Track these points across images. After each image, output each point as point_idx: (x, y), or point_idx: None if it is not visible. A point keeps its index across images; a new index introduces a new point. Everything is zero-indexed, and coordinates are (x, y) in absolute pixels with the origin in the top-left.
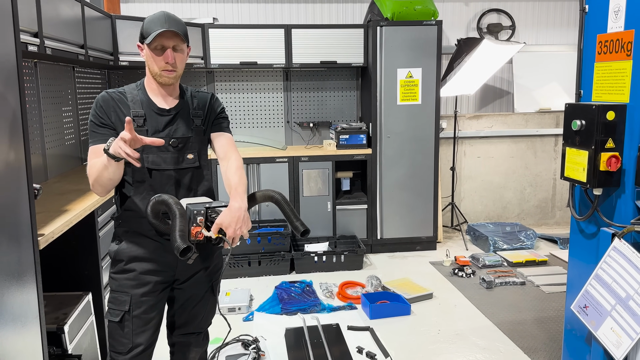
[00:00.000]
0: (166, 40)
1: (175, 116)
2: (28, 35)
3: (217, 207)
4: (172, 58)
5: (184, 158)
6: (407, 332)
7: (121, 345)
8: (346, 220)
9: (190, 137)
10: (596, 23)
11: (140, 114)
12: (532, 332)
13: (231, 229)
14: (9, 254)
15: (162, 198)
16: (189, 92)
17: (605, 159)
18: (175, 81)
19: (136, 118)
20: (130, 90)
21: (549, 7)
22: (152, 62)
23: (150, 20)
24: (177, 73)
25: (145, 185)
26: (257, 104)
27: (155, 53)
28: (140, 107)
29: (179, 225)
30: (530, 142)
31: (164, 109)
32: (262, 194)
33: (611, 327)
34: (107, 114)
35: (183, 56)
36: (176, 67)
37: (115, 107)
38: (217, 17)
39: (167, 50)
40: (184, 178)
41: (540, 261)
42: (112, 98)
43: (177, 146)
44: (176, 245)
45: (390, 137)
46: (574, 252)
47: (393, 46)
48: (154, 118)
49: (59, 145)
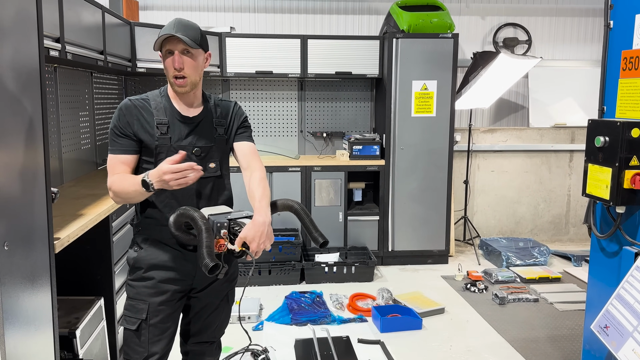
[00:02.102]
0: (173, 45)
1: (198, 124)
2: (50, 41)
3: (239, 218)
4: (178, 62)
5: (205, 167)
6: (419, 346)
7: (136, 354)
8: (357, 231)
9: (212, 145)
10: (621, 39)
11: (164, 122)
12: (546, 351)
13: (255, 244)
14: (25, 257)
15: (187, 212)
16: (212, 100)
17: (629, 176)
18: (190, 89)
19: (159, 125)
20: (154, 97)
21: (565, 22)
22: (165, 68)
23: (164, 28)
24: (190, 80)
25: (167, 194)
26: (272, 113)
27: (165, 60)
28: (163, 114)
29: (206, 241)
30: (545, 157)
31: (187, 117)
32: (282, 203)
33: (633, 348)
34: (130, 123)
35: (194, 61)
36: (186, 73)
37: (138, 115)
38: (235, 26)
39: (175, 54)
40: (205, 187)
41: (554, 278)
42: (135, 106)
43: (199, 155)
44: (204, 262)
45: (403, 149)
46: (594, 270)
47: (408, 58)
48: (177, 126)
49: (75, 150)
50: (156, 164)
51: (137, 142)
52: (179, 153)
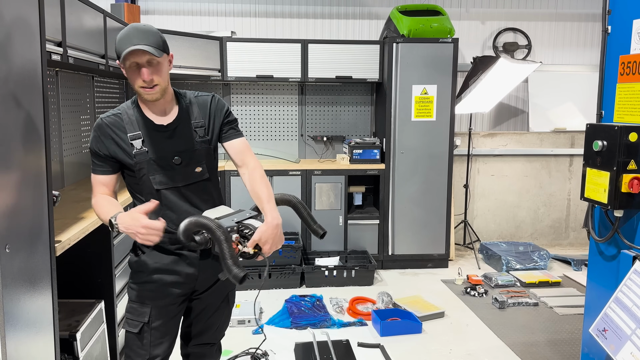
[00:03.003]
0: (138, 57)
1: (175, 130)
2: (52, 45)
3: (245, 219)
4: (148, 75)
5: (192, 172)
6: (418, 350)
7: (138, 356)
8: (358, 235)
9: (195, 149)
10: (619, 44)
11: (138, 136)
12: (546, 355)
13: (268, 246)
14: (26, 260)
15: (200, 222)
16: (188, 98)
17: (627, 180)
18: (161, 96)
19: (134, 141)
20: (125, 110)
21: (565, 27)
22: (131, 81)
23: (120, 38)
24: (161, 86)
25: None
26: (272, 117)
27: (131, 72)
28: (137, 127)
29: (229, 252)
30: (545, 161)
31: (162, 126)
32: (280, 198)
33: (631, 351)
34: (104, 144)
35: (162, 69)
36: (156, 82)
37: (112, 135)
38: (235, 30)
39: (142, 70)
40: (195, 192)
41: (554, 282)
42: (107, 124)
43: (180, 163)
44: (234, 273)
45: (403, 153)
46: (593, 274)
47: (409, 63)
48: (153, 136)
49: (76, 153)
50: (140, 178)
51: (115, 162)
52: (151, 202)
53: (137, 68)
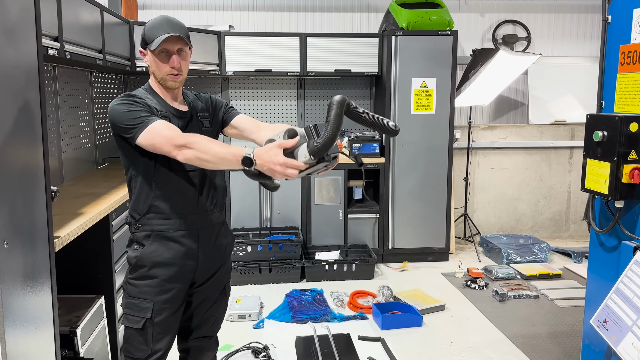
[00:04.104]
0: (171, 44)
1: (191, 118)
2: (49, 39)
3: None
4: (178, 63)
5: None
6: (419, 343)
7: (139, 352)
8: (358, 229)
9: None
10: (619, 34)
11: (167, 115)
12: (546, 347)
13: None
14: (24, 256)
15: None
16: (190, 96)
17: (627, 171)
18: (181, 85)
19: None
20: (144, 95)
21: (565, 18)
22: (157, 67)
23: (152, 26)
24: (183, 77)
25: (170, 186)
26: (271, 111)
27: (160, 58)
28: (163, 108)
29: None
30: (545, 154)
31: (182, 111)
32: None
33: (632, 342)
34: (143, 104)
35: (187, 60)
36: (181, 71)
37: (147, 101)
38: (234, 24)
39: (173, 56)
40: (204, 177)
41: (554, 275)
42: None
43: None
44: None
45: (403, 147)
46: (593, 265)
47: (408, 56)
48: (174, 121)
49: (74, 149)
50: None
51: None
52: (289, 141)
53: (166, 55)
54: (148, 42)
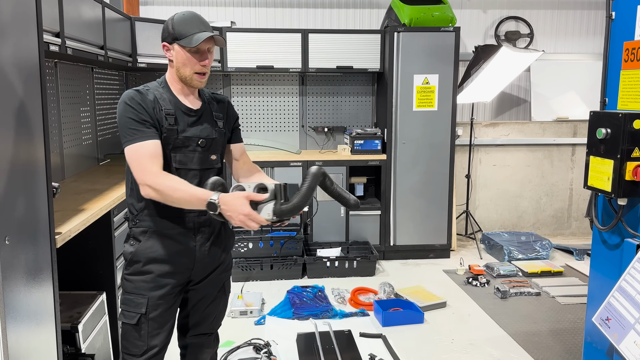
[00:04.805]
0: (205, 44)
1: (201, 117)
2: (50, 35)
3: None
4: (209, 61)
5: (208, 158)
6: (420, 340)
7: (135, 348)
8: (359, 226)
9: (215, 138)
10: (623, 30)
11: (172, 113)
12: (548, 344)
13: None
14: (26, 252)
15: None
16: (206, 94)
17: (631, 168)
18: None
19: (168, 116)
20: (156, 88)
21: (567, 15)
22: (186, 64)
23: (183, 22)
24: (207, 76)
25: None
26: (273, 108)
27: (194, 56)
28: (169, 105)
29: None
30: (547, 151)
31: (192, 109)
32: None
33: (634, 340)
34: (149, 106)
35: (212, 59)
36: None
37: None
38: (235, 21)
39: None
40: (204, 176)
41: (556, 272)
42: (145, 92)
43: (204, 146)
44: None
45: (405, 143)
46: (596, 262)
47: (410, 52)
48: (182, 118)
49: (76, 145)
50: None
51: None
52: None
53: (196, 53)
54: (179, 38)
